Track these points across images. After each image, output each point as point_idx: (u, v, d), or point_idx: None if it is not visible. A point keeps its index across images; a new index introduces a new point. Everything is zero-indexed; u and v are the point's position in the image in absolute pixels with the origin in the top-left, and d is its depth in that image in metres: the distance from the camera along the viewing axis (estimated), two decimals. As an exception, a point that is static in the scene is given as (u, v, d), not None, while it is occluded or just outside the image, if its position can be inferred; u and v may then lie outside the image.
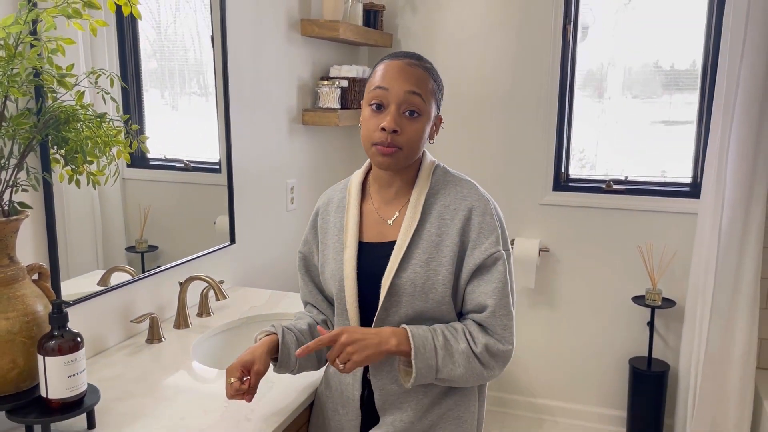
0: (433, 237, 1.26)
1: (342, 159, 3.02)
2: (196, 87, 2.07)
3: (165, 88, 1.92)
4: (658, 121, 2.95)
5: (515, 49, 2.95)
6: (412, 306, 1.25)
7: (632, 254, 2.93)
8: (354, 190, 1.36)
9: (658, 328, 2.97)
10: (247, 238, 2.30)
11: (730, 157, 2.51)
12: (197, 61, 2.03)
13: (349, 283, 1.29)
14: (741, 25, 2.42)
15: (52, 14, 1.15)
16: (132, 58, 1.75)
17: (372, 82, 1.25)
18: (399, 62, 1.23)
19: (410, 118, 1.22)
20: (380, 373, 1.31)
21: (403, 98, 1.21)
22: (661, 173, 2.95)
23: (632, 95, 2.97)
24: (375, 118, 1.23)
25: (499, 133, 3.04)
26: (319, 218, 1.41)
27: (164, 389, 1.49)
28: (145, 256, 1.86)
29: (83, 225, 1.62)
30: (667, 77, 2.90)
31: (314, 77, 2.70)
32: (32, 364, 1.22)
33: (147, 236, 1.85)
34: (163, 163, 1.97)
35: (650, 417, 2.87)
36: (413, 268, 1.24)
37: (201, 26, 2.02)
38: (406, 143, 1.22)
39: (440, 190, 1.30)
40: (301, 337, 1.34)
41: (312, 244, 1.43)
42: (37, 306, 1.24)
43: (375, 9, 2.95)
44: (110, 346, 1.71)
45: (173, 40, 1.93)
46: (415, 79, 1.22)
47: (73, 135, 1.28)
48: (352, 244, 1.30)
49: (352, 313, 1.29)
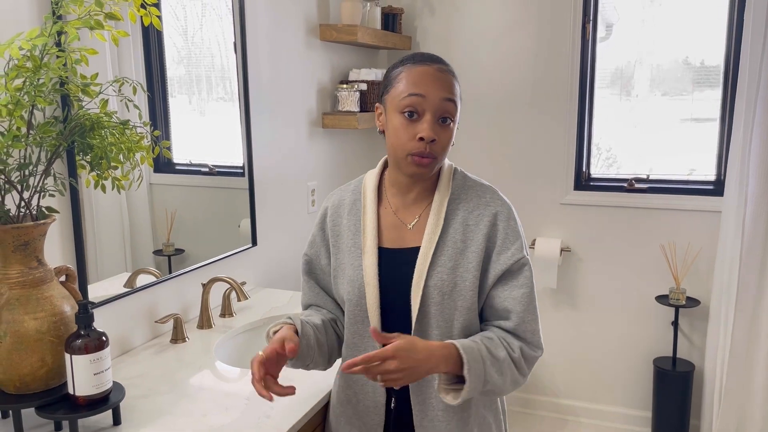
0: (458, 243, 1.23)
1: (361, 161, 3.05)
2: (223, 92, 2.12)
3: (192, 94, 1.97)
4: (687, 118, 2.91)
5: (534, 48, 2.95)
6: (443, 316, 1.22)
7: (655, 253, 2.91)
8: (370, 193, 1.31)
9: (683, 328, 2.94)
10: (269, 240, 2.34)
11: (753, 154, 2.48)
12: (223, 66, 2.08)
13: (371, 290, 1.24)
14: (762, 22, 2.40)
15: (75, 26, 1.19)
16: (157, 65, 1.80)
17: (402, 87, 1.20)
18: (430, 68, 1.20)
19: (443, 125, 1.20)
20: (420, 389, 1.26)
21: (439, 105, 1.18)
22: (690, 171, 2.91)
23: (661, 92, 2.94)
24: (410, 127, 1.19)
25: (520, 133, 3.04)
26: (329, 220, 1.35)
27: (187, 387, 1.53)
28: (172, 259, 1.91)
29: (112, 229, 1.68)
30: (697, 74, 2.86)
31: (333, 81, 2.74)
32: (60, 363, 1.27)
33: (174, 240, 1.90)
34: (189, 168, 2.02)
35: (675, 417, 2.84)
36: (440, 276, 1.22)
37: (227, 32, 2.06)
38: (441, 151, 1.20)
39: (461, 194, 1.28)
40: (316, 331, 1.28)
41: (320, 246, 1.37)
42: (65, 306, 1.29)
43: (393, 12, 2.98)
44: (136, 346, 1.76)
45: (200, 46, 1.98)
46: (448, 85, 1.20)
47: (97, 141, 1.33)
48: (372, 250, 1.26)
49: (374, 321, 1.24)
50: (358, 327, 1.28)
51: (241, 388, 1.52)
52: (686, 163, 2.92)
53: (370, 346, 1.25)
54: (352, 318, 1.28)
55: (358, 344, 1.29)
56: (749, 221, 2.50)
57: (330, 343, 1.32)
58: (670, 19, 2.84)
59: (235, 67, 2.12)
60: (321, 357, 1.29)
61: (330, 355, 1.33)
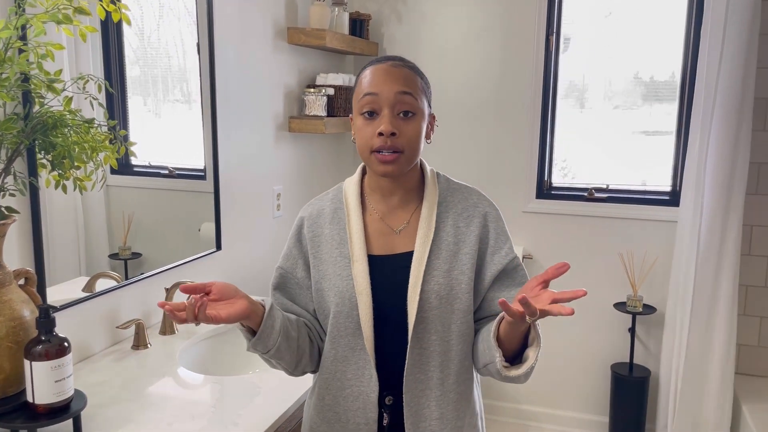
0: (451, 245, 1.22)
1: (328, 166, 3.03)
2: (179, 94, 2.07)
3: (148, 95, 1.92)
4: (638, 131, 3.00)
5: (499, 59, 2.99)
6: (441, 321, 1.19)
7: (614, 261, 2.97)
8: (353, 200, 1.26)
9: (639, 334, 3.01)
10: (234, 244, 2.30)
11: (709, 166, 2.56)
12: (181, 68, 2.03)
13: (364, 299, 1.18)
14: (718, 38, 2.48)
15: (42, 20, 1.15)
16: (117, 64, 1.75)
17: (359, 90, 1.20)
18: (383, 65, 1.19)
19: (405, 119, 1.17)
20: (414, 400, 1.20)
21: (394, 100, 1.16)
22: (642, 182, 2.99)
23: (613, 106, 3.02)
24: (370, 125, 1.17)
25: (483, 141, 3.07)
26: (306, 230, 1.28)
27: (151, 395, 1.48)
28: (129, 263, 1.85)
29: (66, 231, 1.61)
30: (647, 88, 2.95)
31: (300, 85, 2.72)
32: (18, 370, 1.22)
33: (130, 243, 1.84)
34: (148, 170, 1.96)
35: (632, 422, 2.90)
36: (436, 279, 1.19)
37: (185, 33, 2.02)
38: (407, 144, 1.17)
39: (448, 197, 1.26)
40: (287, 320, 1.19)
41: (297, 258, 1.28)
42: (24, 311, 1.24)
43: (361, 18, 2.98)
44: (96, 353, 1.71)
45: (156, 47, 1.93)
46: (402, 78, 1.17)
47: (60, 140, 1.29)
48: (362, 257, 1.20)
49: (367, 332, 1.18)
50: (349, 340, 1.20)
51: (208, 395, 1.49)
52: (638, 175, 3.00)
53: (361, 359, 1.19)
54: (342, 331, 1.21)
55: (349, 357, 1.21)
56: (705, 231, 2.58)
57: (301, 342, 1.21)
58: (623, 35, 2.92)
59: (198, 68, 2.07)
60: (288, 351, 1.18)
61: (299, 356, 1.21)
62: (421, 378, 1.19)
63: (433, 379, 1.20)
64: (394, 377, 1.20)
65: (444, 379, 1.20)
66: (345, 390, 1.22)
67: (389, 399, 1.21)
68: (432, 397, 1.20)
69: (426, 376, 1.19)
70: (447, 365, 1.20)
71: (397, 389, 1.20)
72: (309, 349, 1.24)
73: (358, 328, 1.19)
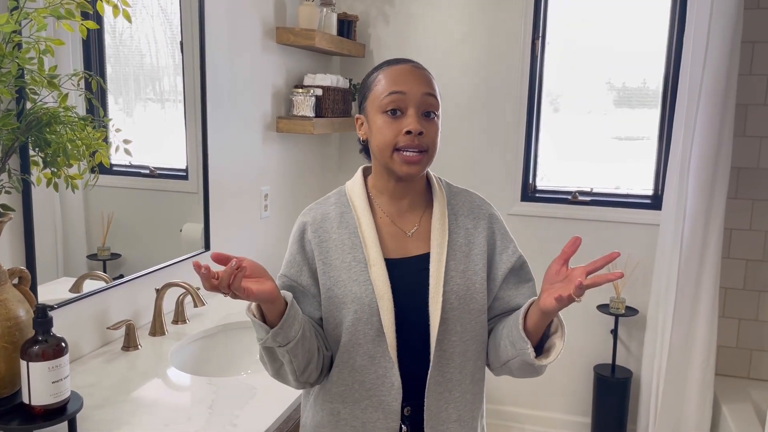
0: (463, 247, 1.23)
1: (316, 167, 3.03)
2: (152, 93, 2.00)
3: (119, 94, 1.86)
4: (610, 137, 3.05)
5: (485, 62, 3.02)
6: (460, 321, 1.19)
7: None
8: (360, 203, 1.24)
9: (622, 336, 3.05)
10: (221, 245, 2.28)
11: (692, 171, 2.61)
12: (153, 66, 1.97)
13: (385, 303, 1.16)
14: (702, 45, 2.53)
15: (43, 14, 1.13)
16: (97, 62, 1.71)
17: (380, 89, 1.18)
18: (406, 66, 1.21)
19: (428, 120, 1.19)
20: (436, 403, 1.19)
21: (420, 100, 1.18)
22: (615, 187, 3.04)
23: (586, 111, 3.06)
24: (394, 124, 1.16)
25: (468, 143, 3.09)
26: (311, 236, 1.23)
27: (144, 397, 1.47)
28: (108, 264, 1.81)
29: (43, 231, 1.54)
30: (618, 95, 3.01)
31: (288, 85, 2.71)
32: (13, 370, 1.20)
33: (110, 244, 1.81)
34: (128, 170, 1.93)
35: (614, 423, 2.94)
36: (455, 280, 1.20)
37: (158, 32, 1.97)
38: (431, 144, 1.19)
39: (452, 200, 1.29)
40: (304, 320, 1.14)
41: (302, 265, 1.22)
42: (19, 311, 1.22)
43: (349, 19, 2.97)
44: (85, 354, 1.68)
45: (129, 45, 1.87)
46: (427, 80, 1.21)
47: (54, 137, 1.26)
48: (379, 261, 1.18)
49: (390, 337, 1.15)
50: (369, 347, 1.16)
51: (202, 396, 1.48)
52: (612, 180, 3.05)
53: (381, 367, 1.16)
54: (361, 338, 1.17)
55: (367, 366, 1.17)
56: (687, 234, 2.63)
57: (312, 344, 1.15)
58: (596, 42, 2.97)
59: (174, 66, 2.03)
60: (303, 350, 1.12)
61: (309, 359, 1.15)
62: (441, 381, 1.19)
63: (452, 381, 1.20)
64: (414, 383, 1.18)
65: (462, 380, 1.21)
66: (363, 401, 1.18)
67: (407, 410, 1.19)
68: (451, 400, 1.20)
69: (445, 379, 1.19)
70: (465, 366, 1.21)
71: (415, 395, 1.18)
72: (318, 354, 1.18)
73: (379, 334, 1.16)
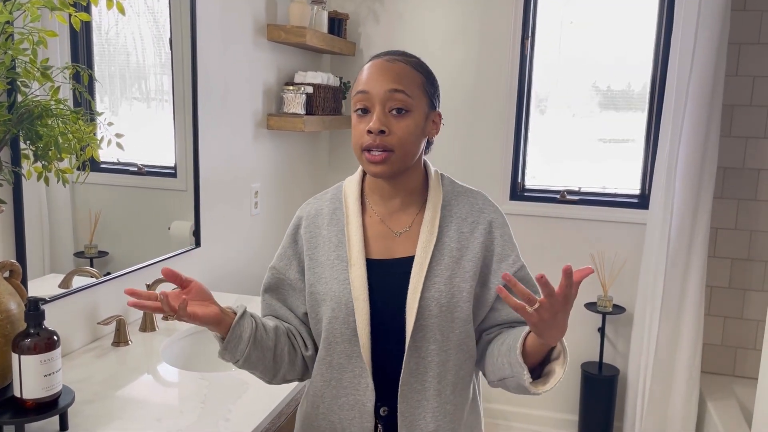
0: (454, 251, 1.16)
1: (306, 164, 3.02)
2: (137, 92, 1.98)
3: (104, 93, 1.83)
4: (595, 138, 3.09)
5: (475, 61, 3.03)
6: (440, 329, 1.14)
7: (585, 262, 3.03)
8: (352, 201, 1.21)
9: (609, 334, 3.08)
10: (212, 241, 2.28)
11: (679, 171, 2.64)
12: (139, 64, 1.95)
13: (361, 305, 1.13)
14: (689, 47, 2.56)
15: (36, 5, 1.12)
16: (85, 58, 1.70)
17: (355, 86, 1.16)
18: (379, 60, 1.15)
19: (398, 116, 1.12)
20: (408, 409, 1.15)
21: (384, 97, 1.11)
22: (601, 187, 3.07)
23: (571, 113, 3.09)
24: (361, 123, 1.13)
25: (458, 142, 3.10)
26: (304, 231, 1.23)
27: (136, 392, 1.46)
28: (95, 261, 1.80)
29: (30, 228, 1.52)
30: (604, 97, 3.04)
31: (279, 83, 2.70)
32: (5, 364, 1.19)
33: (97, 241, 1.79)
34: (116, 167, 1.91)
35: (601, 420, 2.96)
36: (437, 287, 1.14)
37: (144, 30, 1.94)
38: (398, 143, 1.11)
39: (452, 201, 1.21)
40: (262, 329, 1.14)
41: (291, 259, 1.23)
42: (11, 304, 1.21)
43: (339, 17, 2.98)
44: (75, 349, 1.67)
45: (114, 43, 1.86)
46: (395, 75, 1.12)
47: (46, 130, 1.26)
48: (360, 261, 1.15)
49: (363, 339, 1.13)
50: (345, 346, 1.15)
51: (195, 391, 1.47)
52: (597, 181, 3.08)
53: (357, 367, 1.15)
54: (338, 337, 1.15)
55: (345, 365, 1.16)
56: (674, 233, 2.66)
57: (279, 352, 1.17)
58: (583, 44, 3.00)
59: (161, 64, 2.01)
60: (261, 362, 1.14)
61: (276, 367, 1.17)
62: (417, 388, 1.14)
63: (429, 389, 1.15)
64: (391, 387, 1.15)
65: (441, 390, 1.15)
66: (340, 399, 1.17)
67: (384, 410, 1.16)
68: (428, 409, 1.15)
69: (423, 387, 1.15)
70: (444, 376, 1.15)
71: (393, 399, 1.15)
72: (290, 358, 1.19)
73: (354, 335, 1.14)
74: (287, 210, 2.84)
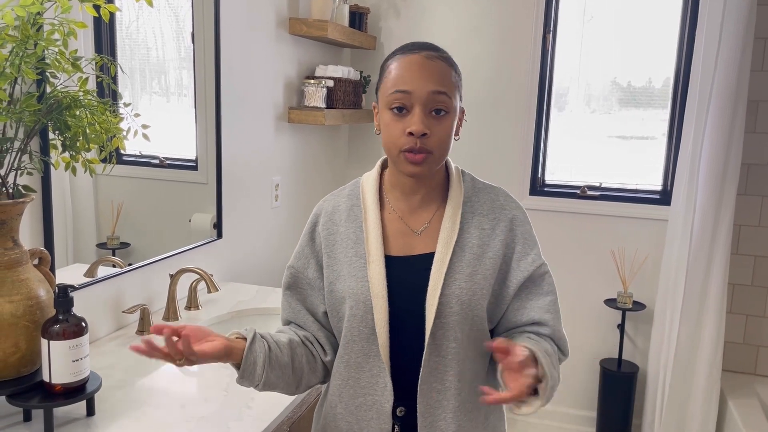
0: (475, 248, 1.14)
1: (326, 158, 3.04)
2: (157, 87, 1.99)
3: (125, 87, 1.84)
4: (614, 135, 3.06)
5: (496, 55, 3.02)
6: (460, 327, 1.12)
7: (605, 258, 3.02)
8: (370, 198, 1.19)
9: (628, 331, 3.06)
10: (233, 233, 2.30)
11: (702, 167, 2.61)
12: (159, 59, 1.96)
13: (379, 302, 1.11)
14: (714, 41, 2.53)
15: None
16: (108, 51, 1.72)
17: (388, 82, 1.11)
18: (417, 57, 1.11)
19: (437, 117, 1.10)
20: (428, 411, 1.13)
21: (427, 99, 1.08)
22: (621, 184, 3.05)
23: (590, 110, 3.07)
24: (399, 122, 1.09)
25: (478, 137, 3.10)
26: (321, 228, 1.21)
27: (161, 379, 1.48)
28: (117, 253, 1.83)
29: (55, 219, 1.54)
30: (624, 93, 3.01)
31: (300, 76, 2.72)
32: (34, 349, 1.21)
33: (119, 233, 1.82)
34: (138, 159, 1.94)
35: (619, 417, 2.95)
36: (458, 284, 1.11)
37: (164, 25, 1.95)
38: (437, 145, 1.10)
39: (473, 197, 1.19)
40: (276, 348, 1.12)
41: (309, 257, 1.22)
42: (40, 290, 1.23)
43: (360, 11, 2.98)
44: (101, 337, 1.70)
45: (135, 38, 1.87)
46: (438, 75, 1.10)
47: (74, 121, 1.28)
48: (379, 258, 1.13)
49: (382, 338, 1.11)
50: (363, 345, 1.14)
51: (219, 379, 1.49)
52: (617, 177, 3.05)
53: (375, 366, 1.13)
54: (356, 335, 1.14)
55: (362, 364, 1.14)
56: (697, 230, 2.64)
57: (297, 365, 1.16)
58: (603, 40, 2.97)
59: (181, 58, 2.03)
60: (281, 379, 1.13)
61: (297, 380, 1.17)
62: (437, 388, 1.13)
63: (450, 389, 1.13)
64: (409, 386, 1.13)
65: (461, 389, 1.13)
66: (358, 399, 1.15)
67: (401, 410, 1.14)
68: (449, 409, 1.13)
69: (443, 386, 1.13)
70: (464, 374, 1.14)
71: (410, 399, 1.13)
72: (310, 366, 1.18)
73: (373, 333, 1.12)
74: (307, 203, 2.86)
